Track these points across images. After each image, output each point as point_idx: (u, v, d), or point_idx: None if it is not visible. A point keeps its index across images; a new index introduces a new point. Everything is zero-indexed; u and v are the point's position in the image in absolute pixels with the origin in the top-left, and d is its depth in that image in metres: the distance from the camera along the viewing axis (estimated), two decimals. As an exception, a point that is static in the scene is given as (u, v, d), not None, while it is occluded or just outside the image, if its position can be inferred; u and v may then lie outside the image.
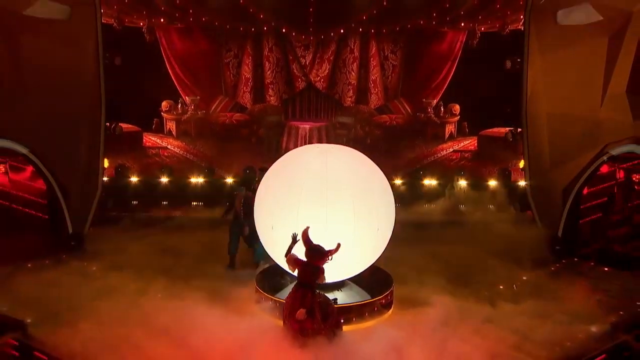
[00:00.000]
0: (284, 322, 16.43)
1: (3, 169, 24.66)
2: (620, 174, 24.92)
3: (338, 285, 18.45)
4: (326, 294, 16.91)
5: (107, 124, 23.87)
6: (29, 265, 20.59)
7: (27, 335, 16.95)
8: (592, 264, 21.89)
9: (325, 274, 16.36)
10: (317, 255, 16.17)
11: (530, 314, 18.22)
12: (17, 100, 20.41)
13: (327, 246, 16.29)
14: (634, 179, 25.07)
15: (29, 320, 17.38)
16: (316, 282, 16.32)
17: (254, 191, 19.45)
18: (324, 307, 16.22)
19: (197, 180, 26.41)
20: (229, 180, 26.14)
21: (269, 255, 18.69)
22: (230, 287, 19.28)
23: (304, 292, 16.15)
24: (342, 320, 16.66)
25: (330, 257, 16.30)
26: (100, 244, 22.18)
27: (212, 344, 16.19)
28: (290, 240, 16.36)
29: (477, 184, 26.47)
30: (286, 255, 16.53)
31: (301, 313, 15.74)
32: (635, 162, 23.21)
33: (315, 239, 16.54)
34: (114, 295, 18.22)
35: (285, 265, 17.25)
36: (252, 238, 20.03)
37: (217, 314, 17.59)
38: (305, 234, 16.44)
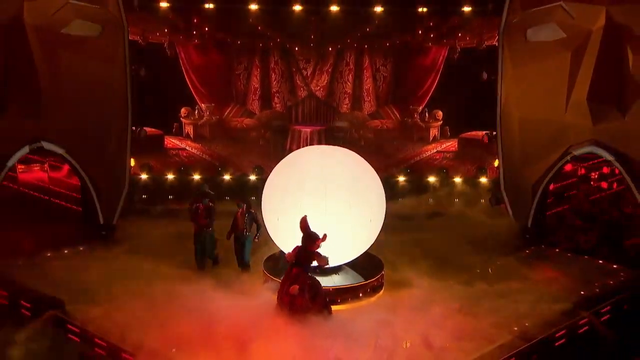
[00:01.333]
0: (277, 298, 16.66)
1: (43, 168, 24.77)
2: (582, 172, 25.02)
3: (335, 270, 18.50)
4: (326, 276, 17.12)
5: (133, 128, 23.81)
6: (65, 251, 20.65)
7: (65, 312, 17.15)
8: (557, 250, 22.04)
9: (327, 259, 16.67)
10: (310, 240, 16.45)
11: (503, 294, 18.30)
12: (55, 108, 20.39)
13: (322, 234, 16.58)
14: (592, 176, 25.19)
15: (65, 299, 17.54)
16: (309, 264, 16.58)
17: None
18: (313, 288, 16.38)
19: (219, 177, 26.35)
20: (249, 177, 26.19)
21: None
22: (240, 272, 19.53)
23: (297, 272, 16.39)
24: (331, 305, 16.75)
25: (320, 244, 16.56)
26: (128, 233, 22.24)
27: (225, 319, 16.25)
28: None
29: (457, 181, 26.47)
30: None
31: (294, 289, 16.01)
32: (595, 161, 23.28)
33: (315, 227, 16.75)
34: (139, 278, 18.24)
35: (287, 249, 17.49)
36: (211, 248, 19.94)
37: (229, 295, 17.70)
38: (304, 221, 16.63)
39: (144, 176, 25.85)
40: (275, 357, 14.76)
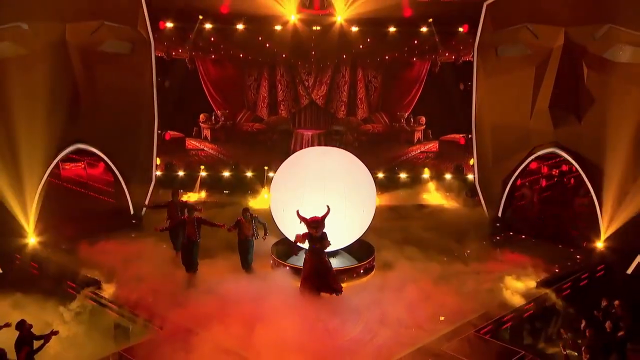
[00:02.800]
0: (301, 283, 16.65)
1: (82, 166, 24.80)
2: (544, 170, 25.05)
3: (333, 254, 18.49)
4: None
5: (159, 131, 23.91)
6: (100, 237, 20.55)
7: (101, 288, 17.43)
8: (523, 236, 22.15)
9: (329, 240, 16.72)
10: (314, 223, 16.49)
11: (477, 273, 18.56)
12: (92, 114, 20.54)
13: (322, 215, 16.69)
14: (553, 172, 25.22)
15: (101, 278, 17.75)
16: (324, 246, 16.58)
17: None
18: (325, 269, 16.52)
19: (226, 173, 26.51)
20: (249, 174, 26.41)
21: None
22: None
23: (317, 256, 16.53)
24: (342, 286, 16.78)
25: (324, 221, 16.64)
26: (155, 222, 22.28)
27: (238, 299, 16.46)
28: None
29: (438, 177, 26.51)
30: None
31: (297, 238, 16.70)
32: (555, 160, 23.32)
33: (318, 212, 16.88)
34: (164, 262, 18.51)
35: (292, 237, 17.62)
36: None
37: (242, 278, 17.95)
38: (298, 216, 16.77)
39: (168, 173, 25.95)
40: (281, 330, 14.81)
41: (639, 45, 18.85)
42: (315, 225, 16.55)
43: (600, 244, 19.98)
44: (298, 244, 16.94)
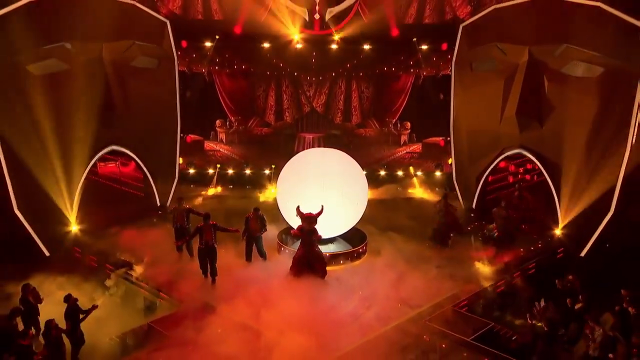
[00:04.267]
0: (291, 267, 16.91)
1: (116, 164, 24.88)
2: (511, 168, 25.09)
3: (331, 240, 18.73)
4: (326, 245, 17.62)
5: (181, 134, 23.92)
6: (132, 225, 20.70)
7: (132, 269, 17.51)
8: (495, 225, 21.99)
9: (320, 234, 17.02)
10: (308, 219, 16.74)
11: (452, 257, 18.72)
12: (124, 121, 20.52)
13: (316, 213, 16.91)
14: (519, 170, 25.28)
15: (133, 261, 17.89)
16: (314, 240, 16.83)
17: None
18: (317, 257, 16.83)
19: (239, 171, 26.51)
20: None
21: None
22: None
23: (307, 246, 16.77)
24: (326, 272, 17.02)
25: (317, 219, 16.83)
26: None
27: (250, 279, 16.73)
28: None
29: (421, 174, 26.46)
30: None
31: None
32: (521, 159, 23.33)
33: (315, 208, 17.06)
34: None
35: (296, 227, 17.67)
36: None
37: (253, 262, 18.21)
38: (297, 210, 17.01)
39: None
40: (286, 306, 15.02)
41: (590, 62, 18.81)
42: (309, 221, 16.77)
43: (558, 231, 19.93)
44: (294, 235, 17.18)
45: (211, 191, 25.39)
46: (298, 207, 17.14)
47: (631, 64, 17.98)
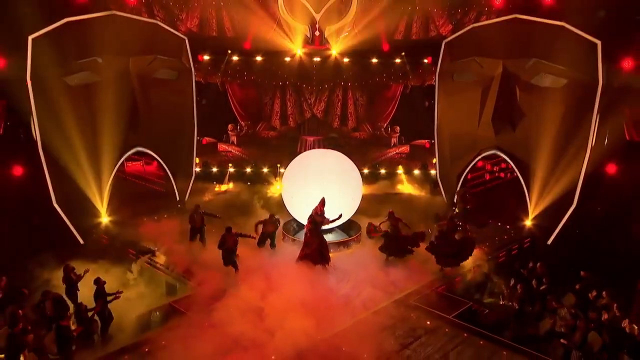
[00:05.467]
0: (300, 255, 16.84)
1: (141, 164, 24.98)
2: (488, 167, 25.12)
3: (330, 230, 18.79)
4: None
5: (198, 137, 23.89)
6: (154, 217, 20.86)
7: (155, 256, 17.63)
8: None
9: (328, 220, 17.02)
10: (319, 214, 16.80)
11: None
12: (148, 125, 20.63)
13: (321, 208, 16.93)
14: (495, 169, 25.30)
15: (155, 248, 17.98)
16: (323, 223, 16.84)
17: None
18: (322, 246, 16.81)
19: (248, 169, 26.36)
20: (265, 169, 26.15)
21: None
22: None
23: (315, 238, 16.76)
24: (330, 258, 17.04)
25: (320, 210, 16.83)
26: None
27: (258, 265, 16.85)
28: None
29: (409, 172, 26.19)
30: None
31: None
32: (497, 159, 23.38)
33: (315, 202, 17.10)
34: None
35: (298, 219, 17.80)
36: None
37: (260, 250, 18.16)
38: (321, 204, 16.98)
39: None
40: (289, 289, 15.08)
41: (556, 74, 18.95)
42: (320, 214, 16.83)
43: (528, 222, 20.07)
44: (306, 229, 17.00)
45: (223, 187, 25.32)
46: (323, 199, 17.11)
47: (591, 76, 18.09)
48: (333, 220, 17.15)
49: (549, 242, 19.46)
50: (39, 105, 17.89)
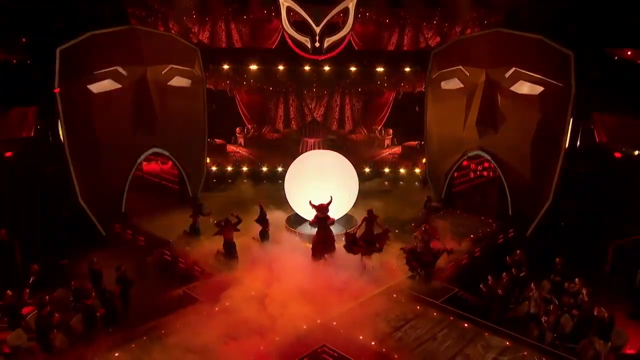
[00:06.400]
0: (312, 249, 16.77)
1: (158, 163, 24.99)
2: (472, 166, 25.09)
3: (331, 223, 18.44)
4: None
5: (209, 139, 23.98)
6: (169, 211, 20.92)
7: (171, 248, 17.77)
8: (459, 211, 22.02)
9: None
10: (321, 209, 16.84)
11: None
12: (164, 128, 20.62)
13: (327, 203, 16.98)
14: (479, 168, 25.25)
15: (171, 240, 18.18)
16: (328, 224, 16.98)
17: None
18: (329, 239, 16.92)
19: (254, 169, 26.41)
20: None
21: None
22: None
23: (323, 230, 16.88)
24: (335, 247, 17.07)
25: (328, 207, 16.88)
26: (207, 201, 21.99)
27: (263, 255, 16.85)
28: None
29: (401, 171, 26.19)
30: None
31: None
32: (480, 159, 23.38)
33: (318, 198, 17.15)
34: (212, 229, 17.98)
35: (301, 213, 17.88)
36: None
37: (265, 242, 18.17)
38: (310, 204, 17.07)
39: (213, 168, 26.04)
40: (292, 277, 15.20)
41: (533, 82, 19.01)
42: (322, 210, 16.84)
43: (509, 216, 20.27)
44: (312, 224, 17.07)
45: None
46: (310, 201, 17.12)
47: (565, 84, 18.24)
48: (328, 204, 17.03)
49: (528, 233, 19.54)
50: (65, 110, 18.04)
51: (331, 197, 17.06)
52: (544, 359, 12.09)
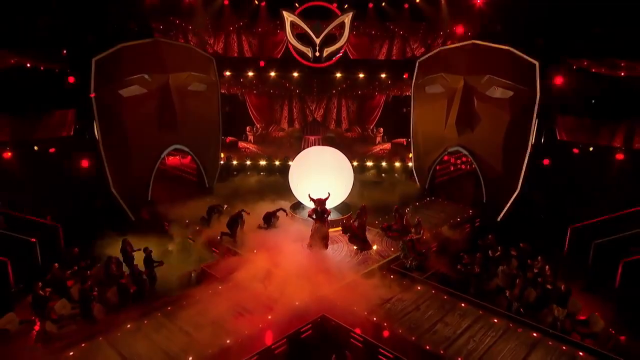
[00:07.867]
0: (310, 240, 16.55)
1: (178, 157, 25.10)
2: (452, 160, 25.20)
3: (327, 214, 18.64)
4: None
5: (222, 137, 23.90)
6: (190, 200, 20.73)
7: (190, 231, 17.76)
8: (441, 199, 22.02)
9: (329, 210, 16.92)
10: (319, 203, 16.68)
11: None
12: (183, 128, 20.59)
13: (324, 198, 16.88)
14: (458, 162, 25.38)
15: (190, 225, 18.15)
16: (325, 216, 16.69)
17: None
18: (322, 232, 16.64)
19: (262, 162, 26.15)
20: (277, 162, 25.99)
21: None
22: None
23: (320, 222, 16.67)
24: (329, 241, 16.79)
25: (325, 201, 16.72)
26: (221, 190, 22.37)
27: (267, 240, 16.78)
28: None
29: (390, 165, 25.90)
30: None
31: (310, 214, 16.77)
32: (459, 154, 23.44)
33: (317, 190, 17.13)
34: (226, 215, 18.08)
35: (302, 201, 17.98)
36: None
37: (269, 229, 18.02)
38: (309, 197, 16.98)
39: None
40: (293, 257, 15.29)
41: (505, 88, 19.09)
42: (320, 204, 16.68)
43: (483, 204, 20.41)
44: (309, 217, 16.87)
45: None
46: (309, 194, 17.01)
47: (531, 89, 18.36)
48: (325, 199, 16.88)
49: (499, 219, 19.70)
50: (99, 112, 18.20)
51: (329, 193, 17.00)
52: (511, 324, 12.32)
